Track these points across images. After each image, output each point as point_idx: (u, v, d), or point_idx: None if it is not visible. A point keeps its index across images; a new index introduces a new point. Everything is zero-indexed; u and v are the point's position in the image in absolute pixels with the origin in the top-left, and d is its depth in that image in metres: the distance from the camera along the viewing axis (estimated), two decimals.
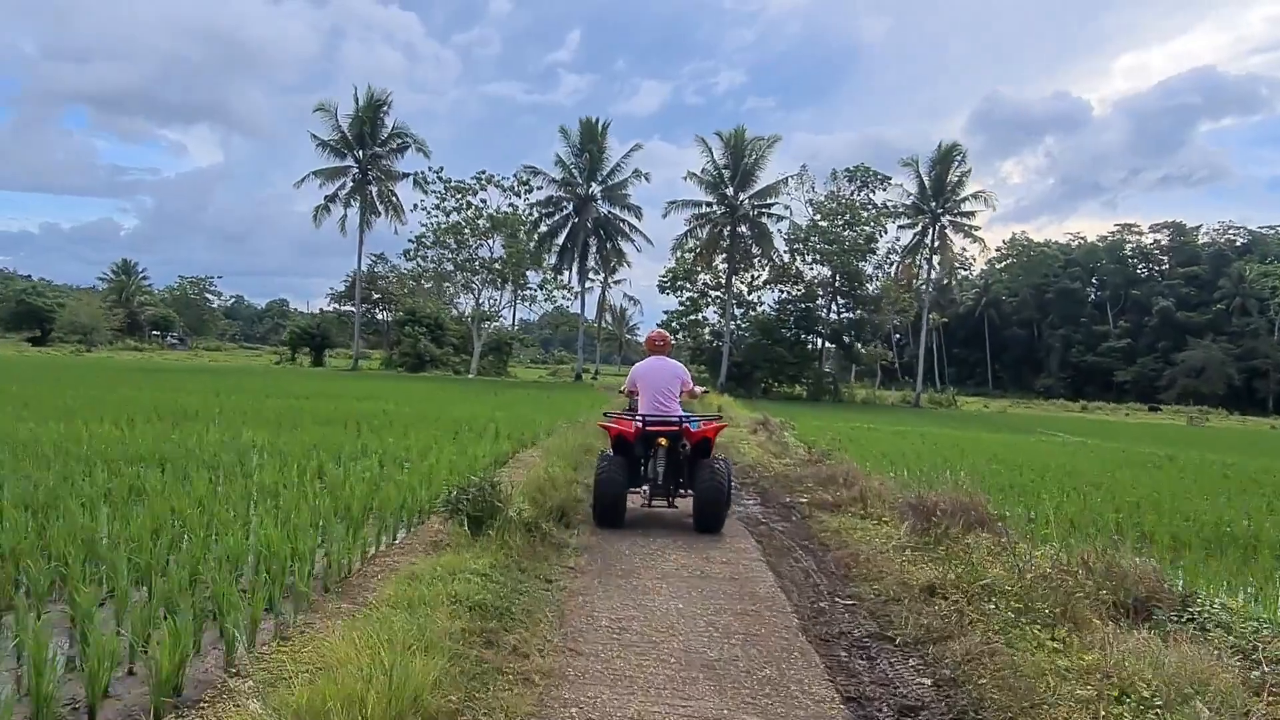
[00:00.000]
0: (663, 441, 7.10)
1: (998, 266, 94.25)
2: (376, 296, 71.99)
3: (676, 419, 7.24)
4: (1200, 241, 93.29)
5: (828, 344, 49.63)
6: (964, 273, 57.98)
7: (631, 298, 73.20)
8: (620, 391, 8.40)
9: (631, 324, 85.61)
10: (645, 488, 7.24)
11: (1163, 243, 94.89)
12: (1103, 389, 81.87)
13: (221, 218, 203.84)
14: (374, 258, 68.86)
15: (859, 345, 49.14)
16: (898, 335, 62.81)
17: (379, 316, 74.17)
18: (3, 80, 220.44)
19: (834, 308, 48.65)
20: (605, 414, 8.19)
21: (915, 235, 48.39)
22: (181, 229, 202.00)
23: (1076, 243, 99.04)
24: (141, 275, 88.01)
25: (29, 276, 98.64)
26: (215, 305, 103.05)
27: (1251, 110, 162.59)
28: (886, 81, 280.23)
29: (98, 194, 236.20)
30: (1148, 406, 69.38)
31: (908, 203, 47.85)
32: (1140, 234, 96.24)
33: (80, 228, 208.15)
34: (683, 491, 7.35)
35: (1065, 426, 34.38)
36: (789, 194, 47.47)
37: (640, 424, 7.15)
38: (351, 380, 34.53)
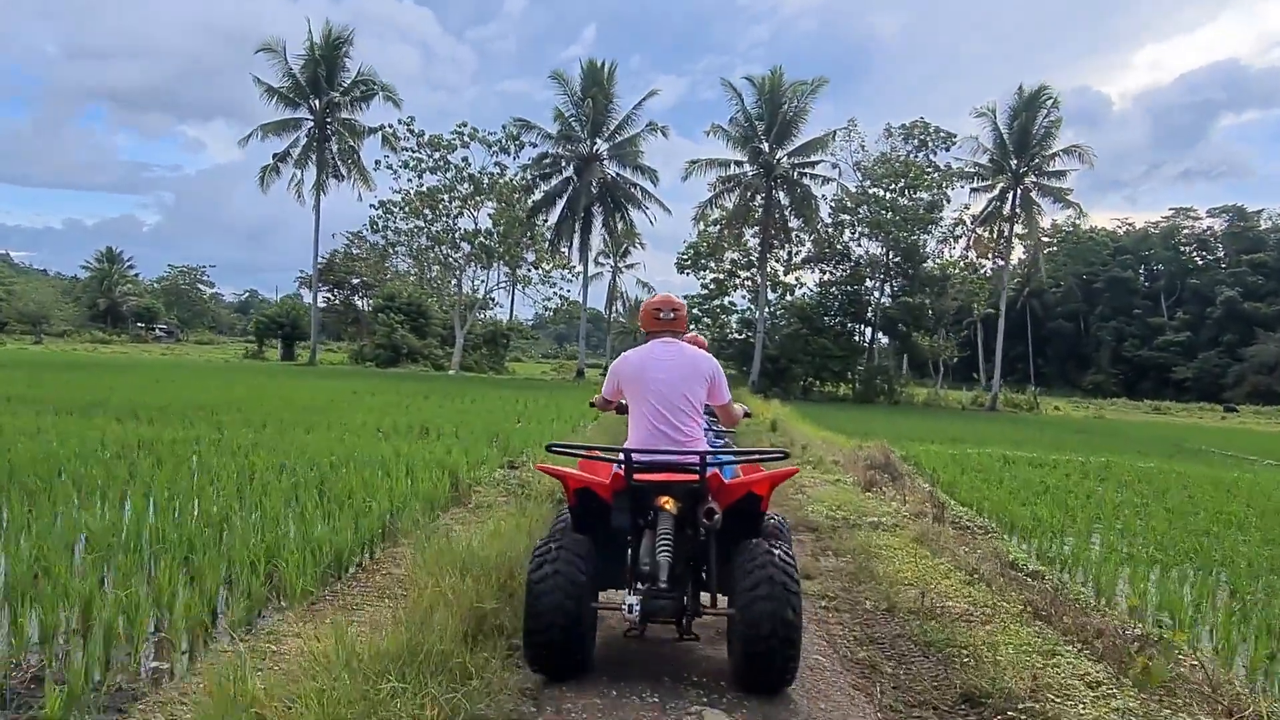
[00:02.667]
0: (667, 503, 3.25)
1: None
2: (356, 281, 64.35)
3: (695, 458, 3.36)
4: (1263, 227, 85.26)
5: (880, 334, 41.24)
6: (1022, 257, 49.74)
7: (646, 284, 64.38)
8: (593, 404, 4.26)
9: None
10: (633, 598, 3.14)
11: (1217, 229, 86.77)
12: (1159, 386, 75.12)
13: (241, 213, 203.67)
14: (350, 236, 61.30)
15: (917, 336, 40.54)
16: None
17: (358, 304, 66.41)
18: (25, 79, 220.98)
19: (888, 290, 40.23)
20: (549, 447, 3.82)
21: (991, 201, 39.50)
22: (201, 225, 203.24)
23: (1125, 229, 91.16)
24: (127, 264, 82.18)
25: (44, 271, 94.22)
26: (222, 296, 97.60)
27: (1275, 104, 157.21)
28: (903, 78, 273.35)
29: (119, 190, 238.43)
30: (1222, 407, 61.99)
31: (984, 161, 38.94)
32: (1197, 218, 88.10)
33: (103, 224, 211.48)
34: (707, 605, 3.43)
35: (1200, 438, 26.37)
36: (835, 154, 39.04)
37: (622, 467, 3.36)
38: (279, 378, 26.66)
